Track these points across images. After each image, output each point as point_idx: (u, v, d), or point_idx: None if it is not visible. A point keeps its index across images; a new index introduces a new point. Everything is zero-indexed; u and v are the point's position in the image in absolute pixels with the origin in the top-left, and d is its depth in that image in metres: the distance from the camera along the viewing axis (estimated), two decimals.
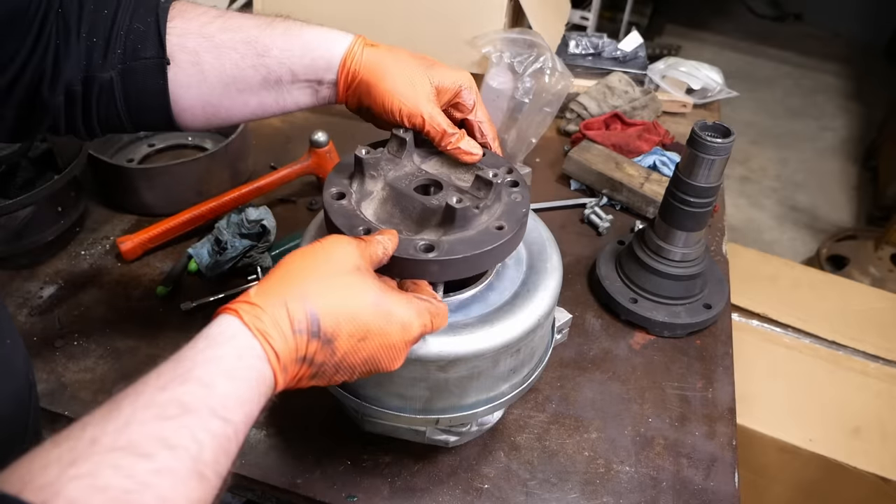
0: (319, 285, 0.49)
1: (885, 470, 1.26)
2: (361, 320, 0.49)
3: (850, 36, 4.73)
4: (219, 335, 0.45)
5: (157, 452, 0.37)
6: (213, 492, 0.40)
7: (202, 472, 0.38)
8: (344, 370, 0.50)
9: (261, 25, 0.67)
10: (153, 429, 0.38)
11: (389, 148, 0.69)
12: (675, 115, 1.50)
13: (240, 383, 0.43)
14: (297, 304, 0.47)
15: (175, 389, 0.41)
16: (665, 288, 0.98)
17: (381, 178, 0.66)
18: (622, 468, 0.80)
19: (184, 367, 0.43)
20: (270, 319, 0.46)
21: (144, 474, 0.36)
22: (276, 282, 0.49)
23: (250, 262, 1.00)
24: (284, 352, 0.46)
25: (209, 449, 0.39)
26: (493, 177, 0.62)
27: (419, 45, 1.33)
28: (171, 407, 0.40)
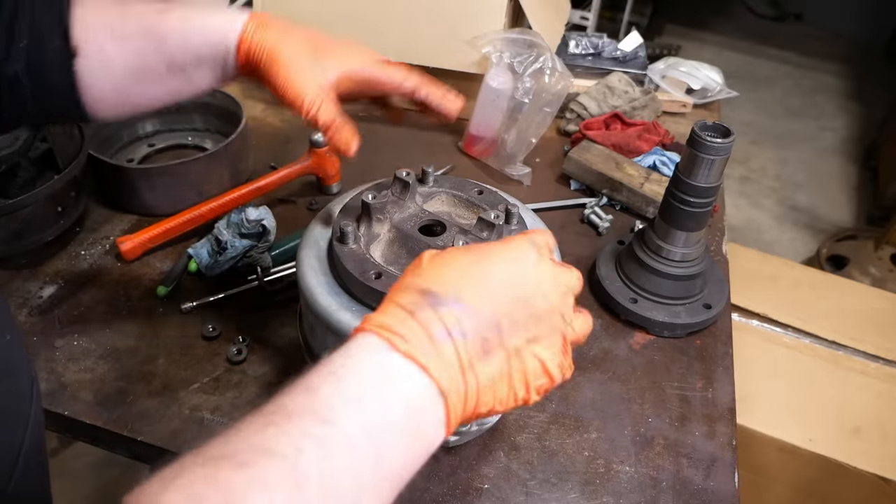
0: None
1: (885, 470, 1.26)
2: (476, 270, 0.46)
3: (850, 36, 4.73)
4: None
5: (255, 461, 0.36)
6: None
7: (301, 483, 0.36)
8: (496, 321, 0.44)
9: (159, 11, 0.66)
10: (255, 438, 0.37)
11: (393, 190, 0.71)
12: (675, 115, 1.50)
13: (348, 381, 0.40)
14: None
15: (282, 397, 0.40)
16: (665, 288, 0.98)
17: (387, 220, 0.69)
18: (622, 468, 0.80)
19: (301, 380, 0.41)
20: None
21: (239, 485, 0.35)
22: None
23: (250, 262, 1.00)
24: (393, 323, 0.41)
25: (309, 458, 0.36)
26: (494, 218, 0.64)
27: (419, 45, 1.34)
28: (276, 415, 0.38)
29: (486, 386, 0.43)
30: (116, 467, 1.92)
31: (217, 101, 1.26)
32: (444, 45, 1.32)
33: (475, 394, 0.42)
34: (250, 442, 0.37)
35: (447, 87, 0.76)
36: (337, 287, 0.66)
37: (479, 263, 0.46)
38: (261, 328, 0.95)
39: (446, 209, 0.73)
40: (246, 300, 0.99)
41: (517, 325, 0.45)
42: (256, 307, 0.98)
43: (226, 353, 0.90)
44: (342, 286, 0.66)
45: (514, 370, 0.44)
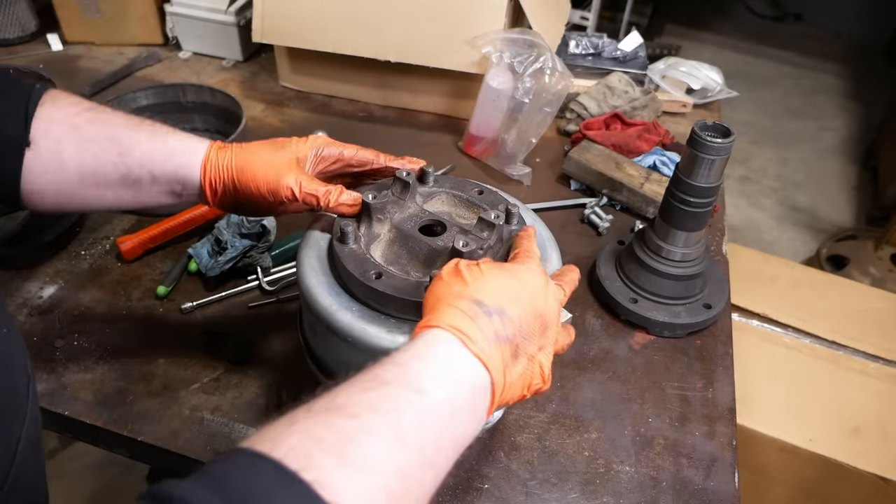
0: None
1: (885, 470, 1.26)
2: (511, 287, 0.54)
3: (850, 36, 4.73)
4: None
5: (363, 414, 0.42)
6: (416, 464, 0.43)
7: (403, 437, 0.42)
8: (523, 331, 0.52)
9: (128, 125, 0.68)
10: (358, 397, 0.43)
11: (393, 190, 0.71)
12: (675, 115, 1.50)
13: (431, 363, 0.47)
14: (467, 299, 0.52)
15: (374, 369, 0.46)
16: (665, 288, 0.98)
17: (387, 220, 0.69)
18: (622, 468, 0.80)
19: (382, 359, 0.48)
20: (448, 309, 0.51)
21: (352, 431, 0.41)
22: None
23: (250, 262, 1.00)
24: (462, 325, 0.49)
25: (408, 417, 0.43)
26: (494, 218, 0.65)
27: (419, 45, 1.34)
28: (371, 382, 0.45)
29: (512, 383, 0.51)
30: (116, 467, 1.92)
31: (217, 101, 1.26)
32: (444, 45, 1.32)
33: (507, 389, 0.51)
34: (354, 399, 0.43)
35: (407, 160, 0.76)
36: (337, 287, 0.66)
37: (513, 280, 0.54)
38: (261, 328, 0.95)
39: (447, 209, 0.73)
40: (246, 300, 0.99)
41: (534, 335, 0.53)
42: (256, 307, 0.98)
43: (226, 353, 0.90)
44: (342, 286, 0.66)
45: (528, 372, 0.53)
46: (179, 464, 0.80)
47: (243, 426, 0.82)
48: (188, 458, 0.79)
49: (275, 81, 1.55)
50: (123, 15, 1.61)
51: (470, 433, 0.48)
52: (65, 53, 1.64)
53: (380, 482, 0.40)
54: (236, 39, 1.59)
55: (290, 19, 1.37)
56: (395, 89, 1.46)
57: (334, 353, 0.70)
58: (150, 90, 1.26)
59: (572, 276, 0.64)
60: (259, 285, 1.00)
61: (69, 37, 1.66)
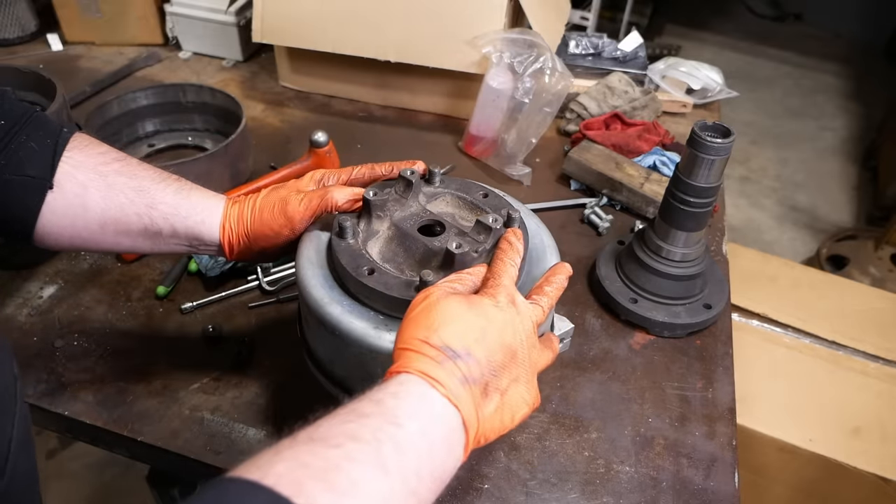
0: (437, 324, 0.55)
1: (885, 470, 1.26)
2: (477, 327, 0.54)
3: (850, 36, 4.73)
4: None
5: (345, 443, 0.43)
6: (399, 492, 0.44)
7: (384, 465, 0.44)
8: (492, 368, 0.53)
9: (155, 178, 0.70)
10: (339, 428, 0.45)
11: (396, 188, 0.71)
12: (675, 115, 1.50)
13: (405, 400, 0.49)
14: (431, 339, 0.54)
15: (351, 404, 0.48)
16: (665, 288, 0.98)
17: (387, 217, 0.69)
18: (622, 468, 0.80)
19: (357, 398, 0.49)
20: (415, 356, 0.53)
21: (337, 458, 0.42)
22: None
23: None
24: (429, 370, 0.51)
25: (388, 447, 0.45)
26: (492, 222, 0.64)
27: (419, 45, 1.34)
28: (350, 415, 0.47)
29: (486, 420, 0.52)
30: (116, 467, 1.92)
31: (217, 101, 1.26)
32: (444, 45, 1.32)
33: (482, 425, 0.52)
34: (336, 430, 0.45)
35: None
36: (332, 281, 0.66)
37: (479, 318, 0.54)
38: (261, 328, 0.95)
39: (450, 210, 0.73)
40: (246, 300, 0.99)
41: (504, 369, 0.54)
42: (256, 307, 0.98)
43: (226, 353, 0.91)
44: (337, 280, 0.67)
45: (505, 406, 0.54)
46: (179, 464, 0.80)
47: (243, 426, 0.82)
48: (188, 458, 0.78)
49: (275, 81, 1.55)
50: (123, 15, 1.61)
51: (449, 469, 0.49)
52: (65, 53, 1.64)
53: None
54: (236, 39, 1.59)
55: (290, 19, 1.37)
56: (395, 89, 1.46)
57: (326, 348, 0.70)
58: (150, 90, 1.26)
59: (551, 289, 0.62)
60: (259, 285, 1.00)
61: (69, 37, 1.66)
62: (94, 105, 1.20)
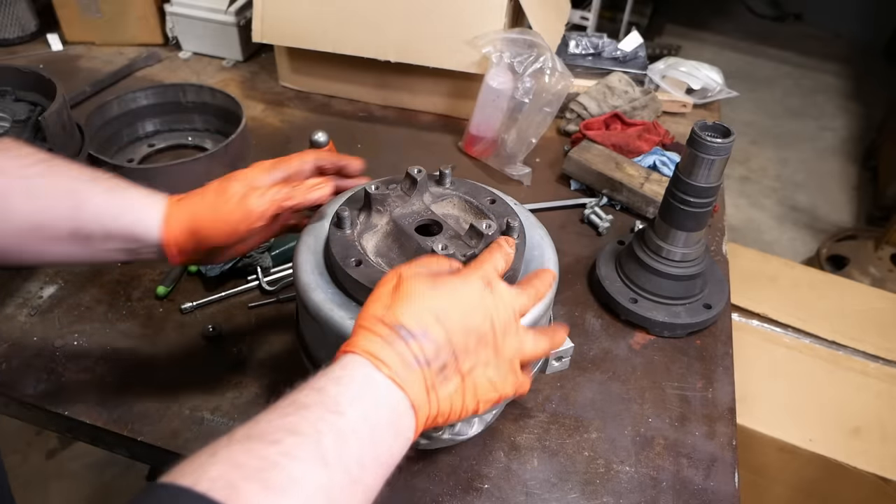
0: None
1: (885, 470, 1.26)
2: (438, 306, 0.53)
3: (850, 36, 4.73)
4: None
5: (283, 439, 0.42)
6: (341, 483, 0.43)
7: (325, 457, 0.43)
8: (453, 349, 0.52)
9: (84, 178, 0.65)
10: (277, 422, 0.44)
11: (402, 185, 0.71)
12: (675, 115, 1.50)
13: (347, 385, 0.47)
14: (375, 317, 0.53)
15: (293, 395, 0.47)
16: (665, 288, 0.98)
17: (387, 213, 0.69)
18: (622, 468, 0.80)
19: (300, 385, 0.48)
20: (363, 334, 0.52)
21: (274, 456, 0.41)
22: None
23: (250, 262, 1.00)
24: (375, 350, 0.50)
25: (328, 438, 0.44)
26: (485, 228, 0.64)
27: (419, 45, 1.34)
28: (290, 407, 0.45)
29: (444, 401, 0.52)
30: (116, 467, 1.92)
31: (217, 101, 1.26)
32: (444, 45, 1.32)
33: (436, 408, 0.51)
34: (274, 425, 0.44)
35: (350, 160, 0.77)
36: (323, 268, 0.67)
37: (444, 297, 0.53)
38: (261, 328, 0.95)
39: (454, 213, 0.73)
40: (246, 300, 0.99)
41: (468, 352, 0.52)
42: (256, 307, 0.98)
43: (225, 352, 0.91)
44: (328, 268, 0.67)
45: (467, 389, 0.53)
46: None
47: None
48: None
49: (275, 81, 1.55)
50: (123, 15, 1.61)
51: (396, 452, 0.49)
52: (65, 53, 1.64)
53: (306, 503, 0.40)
54: (236, 39, 1.59)
55: (290, 19, 1.37)
56: (395, 89, 1.46)
57: (311, 334, 0.71)
58: (150, 90, 1.26)
59: (539, 283, 0.61)
60: (259, 285, 1.00)
61: (69, 37, 1.66)
62: (94, 105, 1.21)
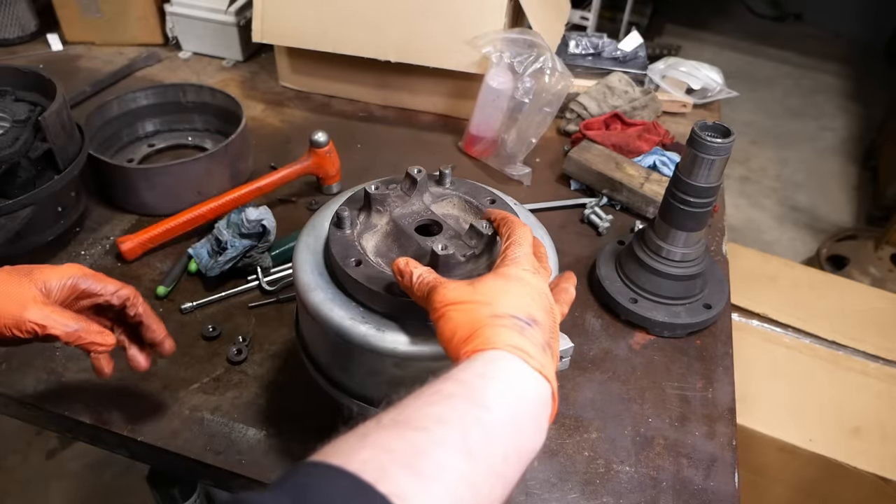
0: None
1: (885, 470, 1.26)
2: (526, 293, 0.54)
3: (850, 36, 4.73)
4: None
5: (431, 427, 0.42)
6: (485, 476, 0.42)
7: (471, 450, 0.42)
8: (549, 329, 0.53)
9: None
10: (425, 410, 0.44)
11: (402, 185, 0.71)
12: (675, 115, 1.50)
13: (492, 380, 0.47)
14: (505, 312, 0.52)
15: (436, 384, 0.46)
16: (665, 288, 0.98)
17: (387, 213, 0.69)
18: (622, 468, 0.80)
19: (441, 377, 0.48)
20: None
21: (423, 443, 0.41)
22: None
23: (250, 262, 1.00)
24: (517, 342, 0.49)
25: (475, 432, 0.43)
26: (485, 228, 0.64)
27: (419, 45, 1.34)
28: (435, 396, 0.45)
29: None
30: (116, 467, 1.92)
31: (217, 101, 1.26)
32: (444, 45, 1.32)
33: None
34: (422, 412, 0.43)
35: (167, 333, 0.74)
36: (322, 268, 0.67)
37: (523, 286, 0.54)
38: (261, 328, 0.95)
39: (454, 213, 0.72)
40: (246, 300, 0.99)
41: (554, 331, 0.54)
42: (256, 307, 0.98)
43: (226, 353, 0.90)
44: (328, 268, 0.67)
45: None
46: (179, 464, 0.80)
47: (243, 426, 0.82)
48: (188, 458, 0.78)
49: (275, 81, 1.55)
50: (123, 15, 1.61)
51: (537, 444, 0.48)
52: (65, 53, 1.64)
53: (452, 493, 0.40)
54: (236, 39, 1.59)
55: (290, 19, 1.37)
56: (395, 89, 1.46)
57: (310, 334, 0.71)
58: (150, 90, 1.26)
59: (567, 288, 0.63)
60: (259, 285, 1.00)
61: (69, 37, 1.66)
62: (94, 105, 1.20)
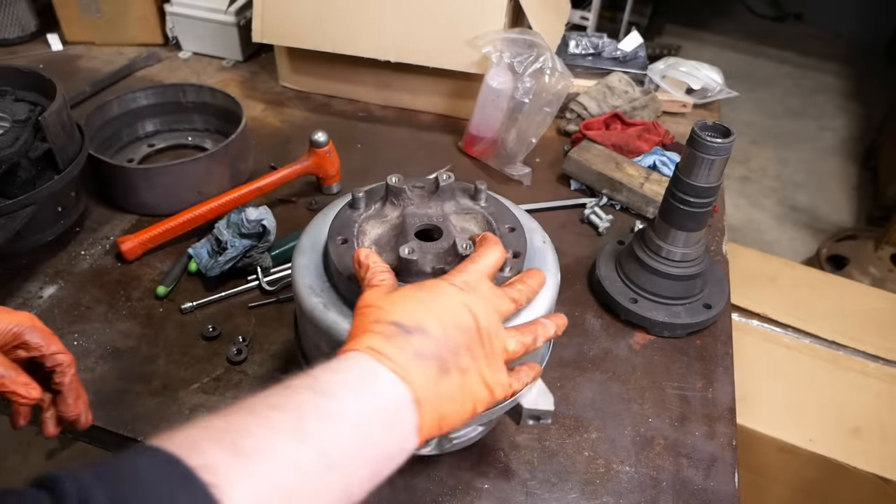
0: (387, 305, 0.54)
1: (885, 470, 1.26)
2: (428, 304, 0.53)
3: (850, 36, 4.73)
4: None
5: (263, 412, 0.42)
6: (316, 462, 0.42)
7: (302, 433, 0.42)
8: (450, 345, 0.51)
9: None
10: (263, 399, 0.43)
11: (429, 187, 0.71)
12: (675, 115, 1.50)
13: (342, 374, 0.47)
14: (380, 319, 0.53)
15: (287, 380, 0.46)
16: (665, 288, 0.98)
17: (400, 207, 0.69)
18: (622, 468, 0.80)
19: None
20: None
21: (247, 424, 0.41)
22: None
23: (250, 262, 1.00)
24: (377, 345, 0.49)
25: (310, 416, 0.43)
26: (464, 248, 0.62)
27: (419, 45, 1.34)
28: (280, 387, 0.45)
29: (446, 400, 0.50)
30: None
31: (217, 101, 1.26)
32: (444, 45, 1.32)
33: (439, 408, 0.50)
34: (259, 400, 0.43)
35: (87, 408, 0.73)
36: (321, 270, 0.68)
37: (430, 298, 0.53)
38: (261, 328, 0.95)
39: (470, 228, 0.69)
40: (246, 300, 0.99)
41: (462, 347, 0.52)
42: (256, 307, 0.98)
43: (226, 353, 0.91)
44: (326, 270, 0.68)
45: (465, 387, 0.52)
46: None
47: None
48: None
49: (275, 81, 1.55)
50: (123, 15, 1.61)
51: (392, 449, 0.47)
52: (65, 53, 1.64)
53: (271, 472, 0.39)
54: (236, 39, 1.59)
55: (290, 19, 1.37)
56: (395, 89, 1.46)
57: (307, 338, 0.71)
58: (150, 90, 1.26)
59: (528, 282, 0.60)
60: (259, 285, 1.00)
61: (69, 37, 1.66)
62: (94, 105, 1.20)
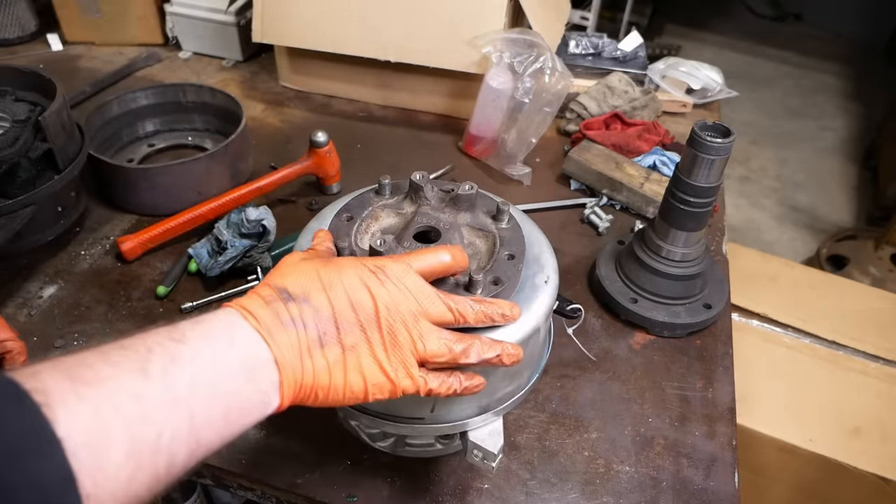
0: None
1: (885, 470, 1.26)
2: (325, 278, 0.53)
3: (850, 36, 4.74)
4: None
5: (110, 350, 0.43)
6: (160, 397, 0.42)
7: (146, 369, 0.42)
8: (337, 320, 0.52)
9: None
10: (119, 342, 0.44)
11: (452, 193, 0.69)
12: (675, 115, 1.50)
13: (202, 324, 0.48)
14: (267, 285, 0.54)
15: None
16: (665, 288, 0.98)
17: (416, 205, 0.69)
18: (622, 468, 0.80)
19: None
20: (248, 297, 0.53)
21: (92, 359, 0.41)
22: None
23: (250, 262, 1.00)
24: (249, 305, 0.50)
25: (157, 354, 0.43)
26: (467, 282, 0.60)
27: (419, 45, 1.34)
28: (139, 332, 0.46)
29: (321, 371, 0.50)
30: None
31: (217, 101, 1.26)
32: (444, 45, 1.32)
33: (311, 375, 0.50)
34: (111, 344, 0.44)
35: None
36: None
37: (332, 273, 0.53)
38: None
39: (479, 247, 0.67)
40: None
41: (352, 325, 0.52)
42: None
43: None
44: None
45: (349, 365, 0.51)
46: None
47: None
48: None
49: (275, 81, 1.55)
50: (123, 15, 1.61)
51: (251, 400, 0.47)
52: (65, 53, 1.64)
53: (106, 399, 0.39)
54: (236, 39, 1.59)
55: (290, 19, 1.37)
56: (395, 89, 1.46)
57: None
58: (150, 90, 1.26)
59: (489, 306, 0.58)
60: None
61: (69, 37, 1.66)
62: (94, 105, 1.20)
